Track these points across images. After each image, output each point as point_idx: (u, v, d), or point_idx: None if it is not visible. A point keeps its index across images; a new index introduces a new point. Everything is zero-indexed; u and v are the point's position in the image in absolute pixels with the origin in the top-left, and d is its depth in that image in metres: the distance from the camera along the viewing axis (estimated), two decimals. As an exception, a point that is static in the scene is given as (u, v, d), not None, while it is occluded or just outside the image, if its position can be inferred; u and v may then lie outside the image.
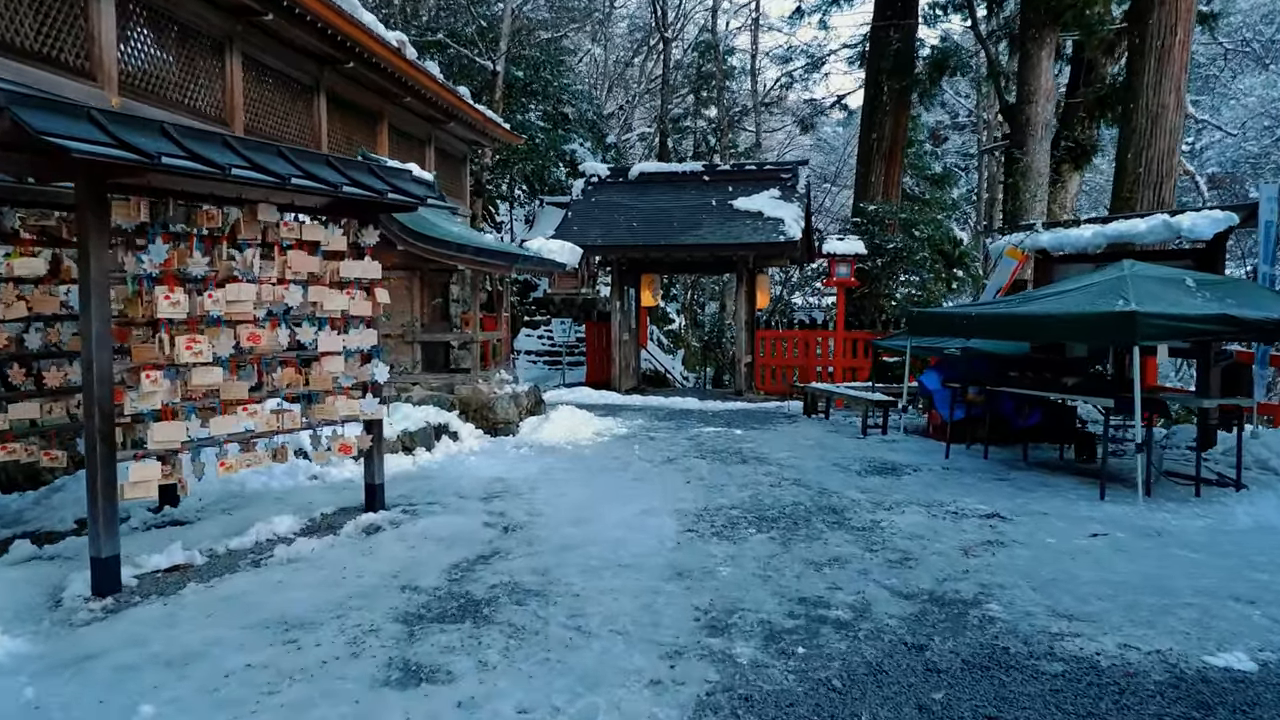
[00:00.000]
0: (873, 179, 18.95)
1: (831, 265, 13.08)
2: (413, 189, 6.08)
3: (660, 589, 4.62)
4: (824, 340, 15.19)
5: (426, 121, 16.15)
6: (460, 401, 9.64)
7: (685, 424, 11.38)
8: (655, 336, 23.31)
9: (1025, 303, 7.96)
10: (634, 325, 16.81)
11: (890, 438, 10.20)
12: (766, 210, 14.81)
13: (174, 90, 8.98)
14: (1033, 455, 8.92)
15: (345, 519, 6.00)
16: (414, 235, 9.29)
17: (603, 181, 16.53)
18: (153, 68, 8.69)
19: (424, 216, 9.58)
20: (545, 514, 6.28)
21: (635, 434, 10.31)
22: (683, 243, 14.50)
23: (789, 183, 15.66)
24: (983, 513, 6.44)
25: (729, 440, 9.92)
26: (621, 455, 8.80)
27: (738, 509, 6.50)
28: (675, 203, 15.68)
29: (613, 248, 14.95)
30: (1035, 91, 15.06)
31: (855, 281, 13.83)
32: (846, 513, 6.42)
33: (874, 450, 9.29)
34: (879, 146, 18.86)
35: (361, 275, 5.88)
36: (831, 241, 13.19)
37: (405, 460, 7.96)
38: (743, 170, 16.10)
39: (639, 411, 12.75)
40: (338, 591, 4.53)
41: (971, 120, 35.90)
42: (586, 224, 15.48)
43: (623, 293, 15.92)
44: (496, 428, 9.63)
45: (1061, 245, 10.51)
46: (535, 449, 9.11)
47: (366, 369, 5.97)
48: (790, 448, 9.40)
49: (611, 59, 34.65)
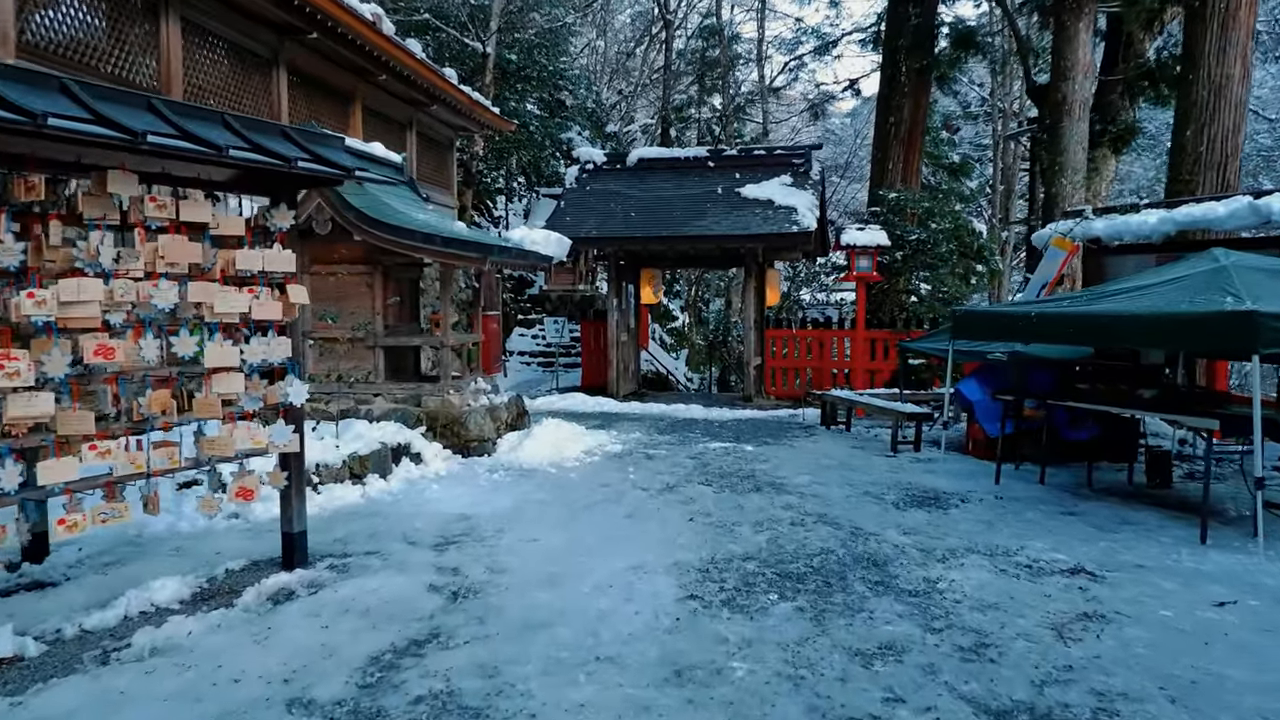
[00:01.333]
0: (889, 166, 17.58)
1: (851, 258, 11.74)
2: (338, 158, 4.75)
3: (651, 703, 3.30)
4: (841, 341, 13.85)
5: (407, 104, 14.84)
6: (427, 416, 8.32)
7: (689, 437, 10.04)
8: (657, 335, 21.99)
9: (1096, 300, 6.61)
10: (633, 324, 15.48)
11: (925, 456, 8.86)
12: (777, 198, 13.47)
13: (94, 56, 7.69)
14: (1095, 478, 7.58)
15: (251, 580, 4.68)
16: (371, 223, 7.97)
17: (599, 168, 15.19)
18: (65, 28, 7.39)
19: (385, 202, 8.27)
20: (510, 570, 4.96)
21: (631, 452, 8.98)
22: (686, 234, 13.17)
23: (801, 169, 14.31)
24: (1064, 565, 5.10)
25: (739, 459, 8.59)
26: (613, 481, 7.47)
27: (753, 560, 5.18)
28: (678, 191, 14.34)
29: (609, 240, 13.62)
30: (1072, 66, 13.66)
31: (878, 276, 12.48)
32: (891, 566, 5.08)
33: (909, 473, 7.95)
34: (896, 131, 17.50)
35: (270, 268, 4.56)
36: (851, 232, 11.85)
37: (352, 492, 6.64)
38: (751, 156, 14.75)
39: (637, 422, 11.43)
40: (193, 711, 3.22)
41: (986, 110, 34.58)
42: (581, 214, 14.15)
43: (620, 289, 14.59)
44: (469, 447, 8.30)
45: (1119, 234, 9.16)
46: (512, 473, 7.79)
47: (277, 389, 4.66)
48: (811, 469, 8.07)
49: (613, 50, 33.30)
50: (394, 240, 8.02)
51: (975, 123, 35.12)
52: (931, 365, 12.72)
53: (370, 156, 8.92)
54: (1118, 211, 9.60)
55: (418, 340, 8.83)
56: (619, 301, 14.46)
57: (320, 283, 8.62)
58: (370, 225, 8.04)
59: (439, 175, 16.69)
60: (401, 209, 8.37)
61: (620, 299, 14.53)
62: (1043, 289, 9.71)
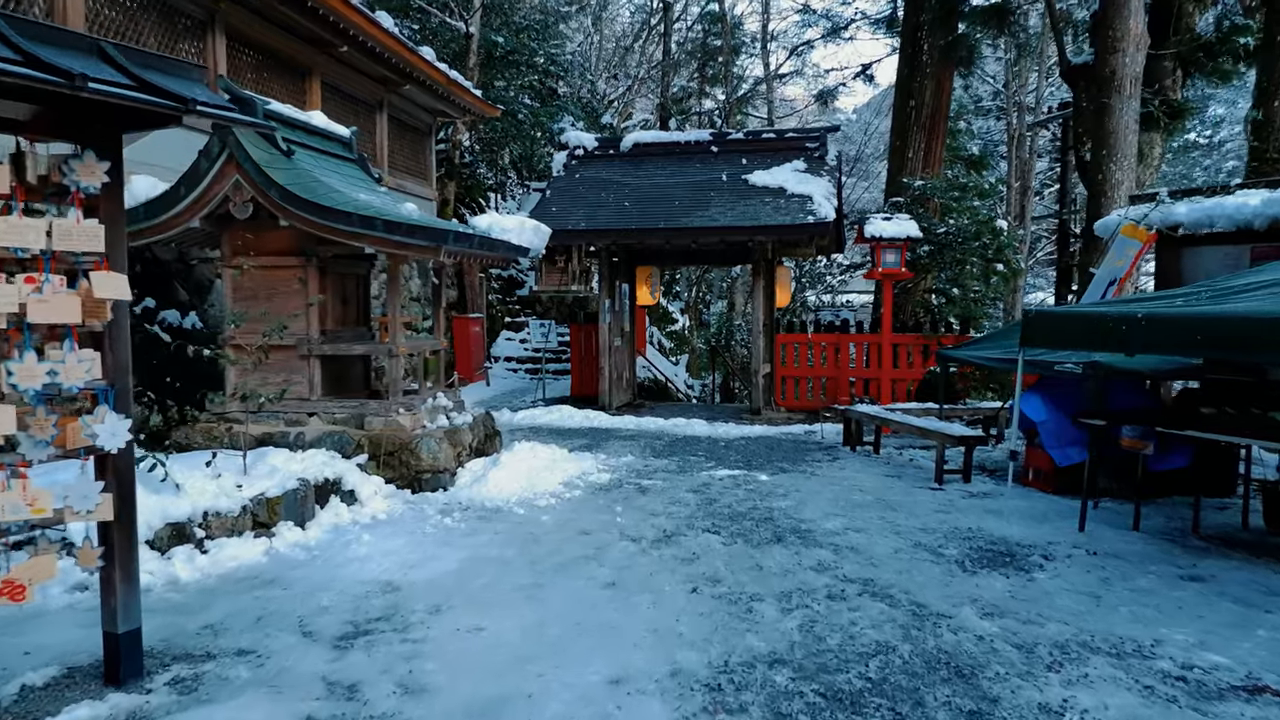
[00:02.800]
0: (909, 154, 16.01)
1: (876, 253, 10.21)
2: (172, 86, 3.21)
3: None
4: (862, 347, 12.30)
5: (377, 84, 13.33)
6: (369, 442, 6.78)
7: (690, 462, 8.49)
8: (655, 340, 20.45)
9: (1222, 299, 5.07)
10: (628, 327, 13.94)
11: (978, 489, 7.31)
12: (790, 186, 11.93)
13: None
14: (1199, 520, 6.02)
15: (49, 708, 3.15)
16: (298, 203, 6.44)
17: (589, 155, 13.65)
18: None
19: (319, 179, 6.74)
20: (432, 691, 3.41)
21: (621, 482, 7.43)
22: (687, 226, 11.63)
23: (815, 153, 12.78)
24: (1231, 677, 3.55)
25: (752, 493, 7.04)
26: (595, 527, 5.92)
27: (784, 666, 3.63)
28: (677, 179, 12.81)
29: (601, 233, 12.08)
30: (1122, 38, 12.13)
31: (907, 272, 10.91)
32: (982, 678, 3.53)
33: (965, 513, 6.40)
34: (917, 115, 15.93)
35: (65, 246, 3.03)
36: (876, 222, 10.29)
37: (252, 548, 5.09)
38: (759, 139, 13.21)
39: (630, 441, 9.87)
40: None
41: (998, 105, 33.18)
42: (568, 205, 12.61)
43: (614, 289, 13.06)
44: (420, 479, 6.75)
45: (1209, 219, 7.60)
46: (470, 514, 6.23)
47: (77, 428, 3.11)
48: (842, 508, 6.52)
49: (609, 45, 31.77)
50: (324, 225, 6.49)
51: (986, 118, 33.68)
52: (964, 373, 11.18)
53: (302, 125, 7.40)
54: (1201, 194, 8.05)
55: (360, 348, 7.27)
56: (612, 302, 12.92)
57: (248, 280, 7.08)
58: (296, 206, 6.51)
59: (415, 164, 15.17)
60: (340, 188, 6.84)
61: (613, 300, 13.00)
62: (1111, 287, 8.17)
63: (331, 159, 7.60)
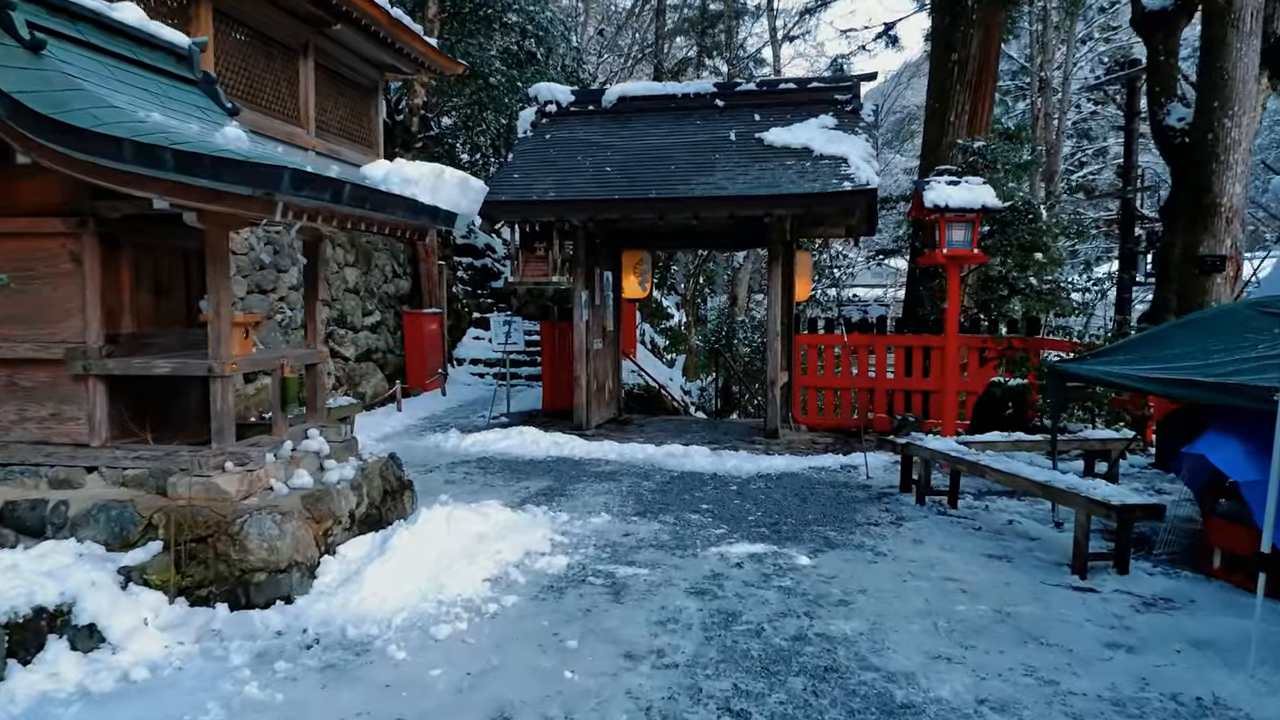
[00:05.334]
0: (951, 118, 13.31)
1: (940, 228, 7.51)
2: None
3: None
4: (917, 352, 9.67)
5: (300, 21, 10.63)
6: (167, 520, 4.11)
7: (691, 527, 5.82)
8: (648, 337, 17.77)
9: None
10: (612, 326, 11.30)
11: (1146, 586, 4.66)
12: (817, 145, 9.28)
13: None
14: None
15: None
16: (35, 123, 3.81)
17: (564, 111, 10.96)
18: None
19: (83, 89, 4.08)
20: None
21: (583, 575, 4.77)
22: (686, 196, 8.96)
23: (848, 105, 10.12)
24: None
25: (792, 599, 4.39)
26: (525, 699, 3.27)
27: None
28: (673, 138, 10.13)
29: (575, 204, 9.40)
30: (1239, -43, 9.51)
31: (981, 255, 8.18)
32: None
33: (1159, 650, 3.76)
34: (961, 71, 13.23)
35: None
36: (938, 187, 7.56)
37: None
38: (776, 90, 10.53)
39: (607, 483, 7.22)
40: None
41: (1017, 85, 30.80)
42: (536, 171, 9.93)
43: (593, 277, 10.39)
44: (248, 585, 4.08)
45: None
46: (311, 664, 3.56)
47: None
48: (951, 639, 3.88)
49: (598, 6, 29.04)
50: (80, 159, 3.84)
51: (1006, 98, 31.18)
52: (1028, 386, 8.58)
53: (84, 11, 4.71)
54: None
55: (164, 366, 4.55)
56: (590, 294, 10.26)
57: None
58: (32, 127, 3.86)
59: (355, 127, 12.47)
60: (124, 106, 4.17)
61: (592, 291, 10.34)
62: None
63: (141, 73, 4.93)
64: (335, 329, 11.22)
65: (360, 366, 11.80)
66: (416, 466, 7.85)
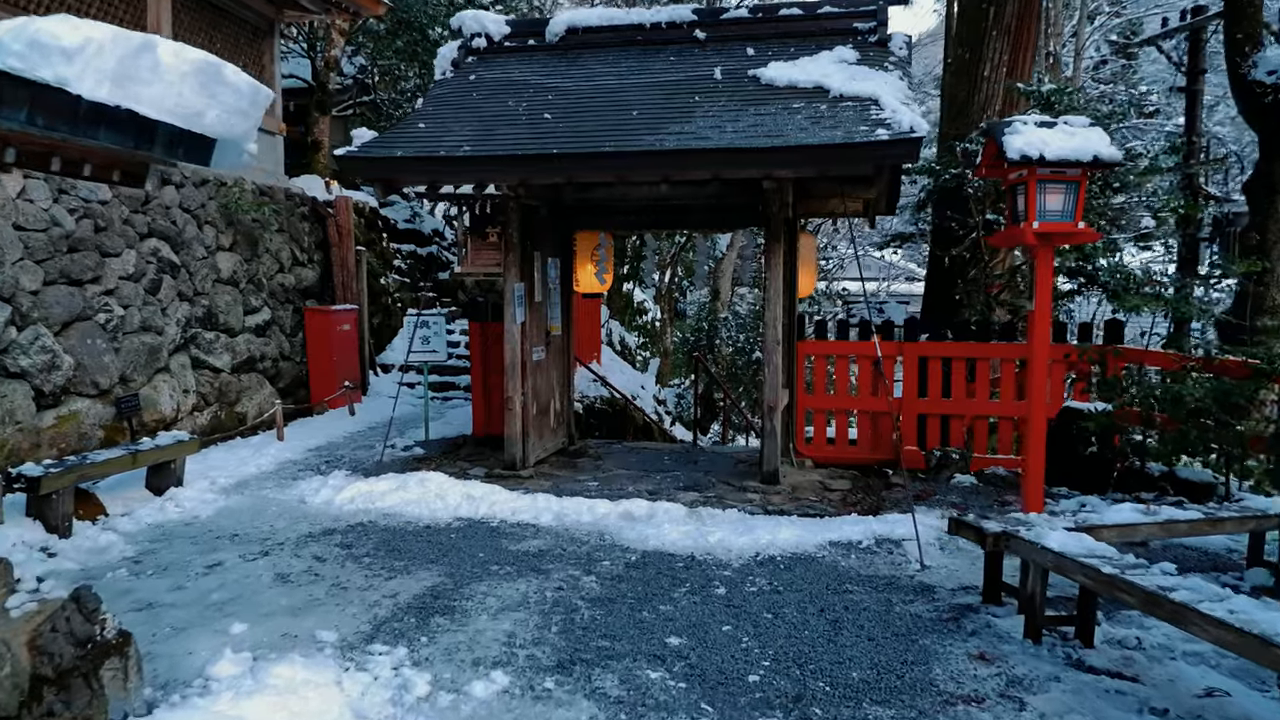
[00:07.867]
0: (985, 71, 10.76)
1: (1030, 190, 4.88)
2: None
3: None
4: (956, 362, 7.21)
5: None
6: None
7: (646, 712, 3.29)
8: (616, 337, 15.15)
9: None
10: (559, 328, 8.68)
11: None
12: (835, 83, 6.72)
13: None
14: None
15: None
16: None
17: (496, 47, 8.33)
18: None
19: None
20: None
21: None
22: (654, 149, 6.35)
23: (872, 35, 7.59)
24: None
25: None
26: None
27: None
28: (637, 76, 7.55)
29: (499, 162, 6.75)
30: None
31: (1088, 230, 5.50)
32: None
33: None
34: (997, 14, 10.71)
35: None
36: (1027, 130, 4.92)
37: None
38: (775, 17, 7.96)
39: (526, 581, 4.64)
40: None
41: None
42: (452, 120, 7.28)
43: (529, 265, 7.75)
44: None
45: None
46: None
47: None
48: None
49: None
50: None
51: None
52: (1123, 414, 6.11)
53: None
54: None
55: None
56: (527, 288, 7.64)
57: None
58: None
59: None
60: None
61: (530, 283, 7.71)
62: None
63: None
64: (200, 332, 8.54)
65: (239, 379, 9.12)
66: (251, 543, 5.29)
